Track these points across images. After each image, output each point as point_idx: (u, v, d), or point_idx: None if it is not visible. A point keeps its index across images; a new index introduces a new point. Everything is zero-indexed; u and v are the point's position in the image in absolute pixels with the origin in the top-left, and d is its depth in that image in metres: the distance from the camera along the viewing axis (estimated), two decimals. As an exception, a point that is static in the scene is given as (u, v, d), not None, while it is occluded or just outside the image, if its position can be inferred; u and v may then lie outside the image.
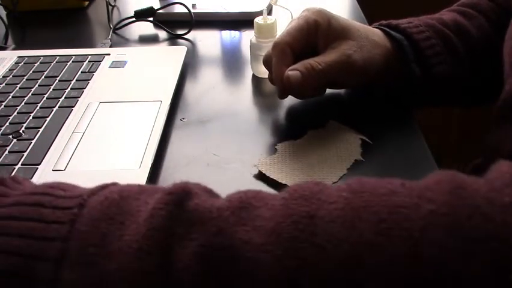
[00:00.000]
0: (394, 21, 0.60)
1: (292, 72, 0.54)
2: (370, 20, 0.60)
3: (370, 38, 0.57)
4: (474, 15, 0.63)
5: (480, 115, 1.01)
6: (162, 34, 0.82)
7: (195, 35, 0.81)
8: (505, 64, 0.54)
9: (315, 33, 0.56)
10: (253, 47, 0.66)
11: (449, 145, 1.49)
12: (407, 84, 0.59)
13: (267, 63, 0.59)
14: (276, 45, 0.56)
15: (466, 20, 0.63)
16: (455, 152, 1.45)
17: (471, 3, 0.66)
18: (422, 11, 0.65)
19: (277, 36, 0.59)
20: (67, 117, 0.58)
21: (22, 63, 0.71)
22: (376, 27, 0.60)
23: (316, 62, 0.54)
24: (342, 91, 0.63)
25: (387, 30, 0.59)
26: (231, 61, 0.74)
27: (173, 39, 0.80)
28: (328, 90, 0.61)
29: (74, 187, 0.34)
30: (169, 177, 0.51)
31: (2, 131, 0.56)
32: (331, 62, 0.54)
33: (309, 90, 0.57)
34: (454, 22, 0.62)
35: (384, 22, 0.61)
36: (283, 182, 0.48)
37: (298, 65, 0.54)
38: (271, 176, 0.49)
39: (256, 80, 0.68)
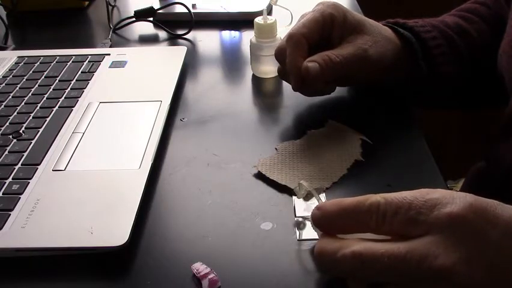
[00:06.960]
0: (401, 20, 0.60)
1: (311, 63, 0.53)
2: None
3: (383, 33, 0.57)
4: (474, 20, 0.64)
5: (480, 115, 1.01)
6: (162, 34, 0.82)
7: (195, 35, 0.81)
8: (505, 79, 0.55)
9: (330, 27, 0.55)
10: (253, 47, 0.66)
11: (449, 145, 1.48)
12: (412, 82, 0.59)
13: (279, 55, 0.57)
14: (292, 37, 0.54)
15: (467, 24, 0.63)
16: (455, 152, 1.45)
17: (470, 8, 0.66)
18: (421, 11, 0.65)
19: (281, 32, 0.58)
20: (67, 117, 0.58)
21: (22, 63, 0.71)
22: (384, 25, 0.60)
23: (334, 54, 0.54)
24: (342, 91, 0.63)
25: (396, 27, 0.59)
26: (231, 61, 0.74)
27: (173, 39, 0.80)
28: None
29: None
30: (169, 177, 0.51)
31: (2, 131, 0.56)
32: (348, 55, 0.54)
33: (323, 84, 0.56)
34: (457, 25, 0.62)
35: (391, 20, 0.61)
36: (283, 183, 0.48)
37: (316, 57, 0.53)
38: (270, 177, 0.49)
39: (256, 80, 0.68)
